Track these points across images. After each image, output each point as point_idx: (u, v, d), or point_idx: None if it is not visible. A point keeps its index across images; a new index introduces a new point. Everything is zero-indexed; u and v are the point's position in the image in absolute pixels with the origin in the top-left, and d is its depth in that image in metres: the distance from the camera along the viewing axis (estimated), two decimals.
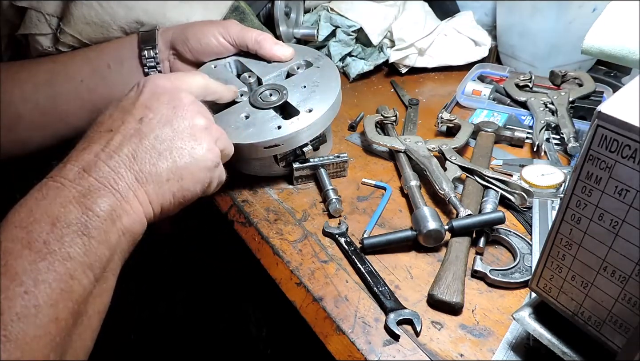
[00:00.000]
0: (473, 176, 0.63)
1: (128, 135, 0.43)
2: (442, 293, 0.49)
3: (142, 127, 0.43)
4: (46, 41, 0.69)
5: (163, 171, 0.43)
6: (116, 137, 0.43)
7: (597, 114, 0.31)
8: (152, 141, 0.43)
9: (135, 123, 0.44)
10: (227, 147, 0.52)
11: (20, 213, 0.37)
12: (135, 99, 0.46)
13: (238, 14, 0.74)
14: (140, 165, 0.42)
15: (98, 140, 0.43)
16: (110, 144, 0.42)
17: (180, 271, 0.94)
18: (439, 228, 0.54)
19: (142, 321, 0.95)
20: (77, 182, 0.39)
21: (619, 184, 0.31)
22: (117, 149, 0.42)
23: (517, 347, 0.45)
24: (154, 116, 0.44)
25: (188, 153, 0.45)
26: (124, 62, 0.63)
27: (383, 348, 0.46)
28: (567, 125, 0.70)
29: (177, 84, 0.48)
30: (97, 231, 0.38)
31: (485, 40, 0.93)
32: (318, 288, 0.52)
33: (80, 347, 0.37)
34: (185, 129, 0.45)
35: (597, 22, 0.62)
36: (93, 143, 0.42)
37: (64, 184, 0.39)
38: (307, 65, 0.67)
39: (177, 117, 0.45)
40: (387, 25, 0.93)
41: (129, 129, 0.43)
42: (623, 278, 0.33)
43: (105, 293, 0.39)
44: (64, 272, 0.35)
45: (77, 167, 0.40)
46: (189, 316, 1.00)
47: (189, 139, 0.45)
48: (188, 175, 0.45)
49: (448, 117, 0.73)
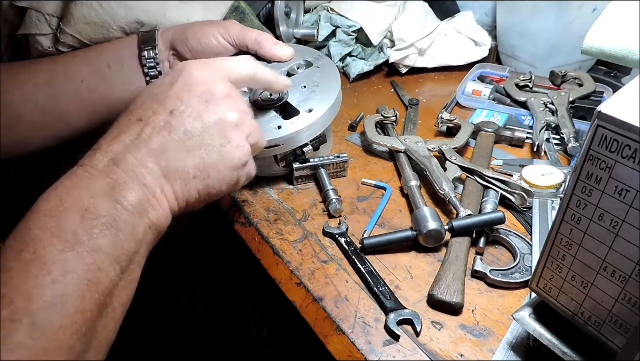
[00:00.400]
0: (473, 176, 0.63)
1: (157, 127, 0.42)
2: (442, 293, 0.49)
3: (172, 120, 0.42)
4: (46, 41, 0.69)
5: (190, 167, 0.43)
6: (146, 128, 0.42)
7: (597, 114, 0.31)
8: (181, 135, 0.42)
9: (165, 115, 0.43)
10: (259, 141, 0.50)
11: (50, 201, 0.37)
12: (168, 89, 0.44)
13: (238, 14, 0.74)
14: (168, 160, 0.42)
15: (128, 129, 0.42)
16: (140, 136, 0.41)
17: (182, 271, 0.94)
18: (439, 228, 0.54)
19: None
20: (106, 173, 0.39)
21: (619, 184, 0.31)
22: (146, 141, 0.41)
23: (517, 347, 0.45)
24: (185, 109, 0.43)
25: (217, 151, 0.44)
26: (124, 63, 0.63)
27: (383, 348, 0.46)
28: (567, 125, 0.70)
29: (213, 74, 0.46)
30: (125, 224, 0.38)
31: (485, 40, 0.93)
32: (318, 288, 0.52)
33: (104, 338, 0.37)
34: (216, 125, 0.44)
35: (597, 22, 0.62)
36: (123, 133, 0.42)
37: (93, 175, 0.39)
38: (307, 65, 0.67)
39: (208, 111, 0.44)
40: (387, 25, 0.93)
41: (158, 121, 0.42)
42: (623, 278, 0.33)
43: (130, 285, 0.40)
44: (91, 263, 0.35)
45: (106, 158, 0.40)
46: (191, 314, 1.00)
47: (218, 136, 0.44)
48: (215, 173, 0.44)
49: (448, 117, 0.73)
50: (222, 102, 0.45)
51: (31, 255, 0.34)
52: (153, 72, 0.63)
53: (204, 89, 0.44)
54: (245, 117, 0.47)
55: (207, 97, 0.44)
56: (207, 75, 0.45)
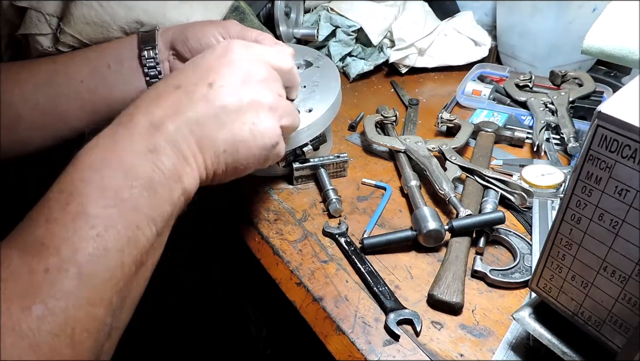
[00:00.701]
0: (473, 176, 0.63)
1: (196, 98, 0.43)
2: (442, 293, 0.49)
3: (210, 93, 0.44)
4: (46, 41, 0.69)
5: (221, 141, 0.44)
6: (184, 97, 0.43)
7: (597, 114, 0.31)
8: (216, 109, 0.43)
9: (204, 87, 0.44)
10: (293, 123, 0.51)
11: (93, 156, 0.38)
12: (212, 62, 0.46)
13: (238, 14, 0.74)
14: (202, 130, 0.43)
15: (167, 95, 0.43)
16: (178, 104, 0.42)
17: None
18: (439, 228, 0.54)
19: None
20: (146, 137, 0.40)
21: (619, 184, 0.31)
22: (184, 110, 0.42)
23: (517, 347, 0.45)
24: (223, 84, 0.44)
25: (249, 129, 0.45)
26: (124, 63, 0.63)
27: (383, 348, 0.46)
28: (567, 125, 0.70)
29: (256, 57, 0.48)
30: (162, 187, 0.39)
31: (485, 40, 0.93)
32: (318, 288, 0.52)
33: (136, 295, 0.39)
34: (250, 104, 0.45)
35: (597, 22, 0.62)
36: (161, 98, 0.43)
37: (134, 136, 0.40)
38: (307, 65, 0.67)
39: (245, 90, 0.45)
40: (387, 25, 0.93)
41: (197, 92, 0.43)
42: (623, 278, 0.33)
43: (160, 247, 0.41)
44: (132, 221, 0.37)
45: (146, 122, 0.41)
46: (190, 312, 1.00)
47: (252, 114, 0.45)
48: (244, 150, 0.45)
49: (448, 117, 0.73)
50: (259, 84, 0.46)
51: (76, 208, 0.35)
52: (153, 72, 0.63)
53: (245, 69, 0.46)
54: (280, 101, 0.48)
55: (246, 78, 0.46)
56: (250, 57, 0.47)
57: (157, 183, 0.39)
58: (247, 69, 0.46)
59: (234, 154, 0.45)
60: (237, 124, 0.45)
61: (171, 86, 0.44)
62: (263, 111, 0.46)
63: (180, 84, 0.44)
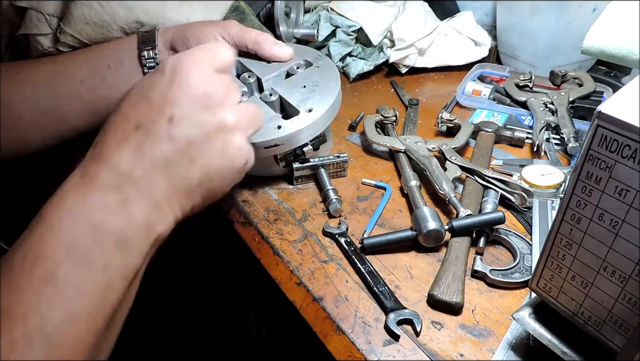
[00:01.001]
0: (473, 176, 0.63)
1: (159, 137, 0.40)
2: (442, 293, 0.49)
3: (172, 128, 0.40)
4: (46, 41, 0.69)
5: (194, 175, 0.42)
6: (147, 138, 0.40)
7: (597, 114, 0.31)
8: (183, 144, 0.41)
9: (164, 123, 0.40)
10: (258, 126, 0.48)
11: (60, 213, 0.36)
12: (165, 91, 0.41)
13: (238, 14, 0.74)
14: (173, 170, 0.40)
15: (128, 138, 0.40)
16: (142, 147, 0.39)
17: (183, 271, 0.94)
18: (439, 228, 0.54)
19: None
20: (114, 189, 0.38)
21: (619, 184, 0.31)
22: (149, 153, 0.39)
23: (517, 347, 0.45)
24: (183, 116, 0.41)
25: (219, 156, 0.43)
26: (124, 63, 0.63)
27: (383, 348, 0.46)
28: (567, 125, 0.70)
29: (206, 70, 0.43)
30: (135, 240, 0.38)
31: (485, 40, 0.93)
32: (318, 288, 0.52)
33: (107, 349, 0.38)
34: (216, 130, 0.42)
35: (597, 22, 0.62)
36: (124, 142, 0.39)
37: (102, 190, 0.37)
38: (307, 65, 0.67)
39: (207, 117, 0.42)
40: (387, 25, 0.93)
41: (159, 130, 0.40)
42: (623, 278, 0.33)
43: (132, 297, 0.40)
44: (102, 282, 0.35)
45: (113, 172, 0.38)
46: (191, 316, 1.00)
47: (219, 140, 0.43)
48: (218, 177, 0.44)
49: (448, 117, 0.73)
50: (219, 105, 0.43)
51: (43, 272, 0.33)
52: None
53: (201, 91, 0.42)
54: (241, 112, 0.45)
55: (205, 102, 0.42)
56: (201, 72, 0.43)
57: (129, 237, 0.37)
58: (203, 90, 0.42)
59: (208, 184, 0.43)
60: (206, 154, 0.42)
61: (130, 128, 0.40)
62: (229, 132, 0.43)
63: (139, 123, 0.40)
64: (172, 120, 0.40)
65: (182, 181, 0.41)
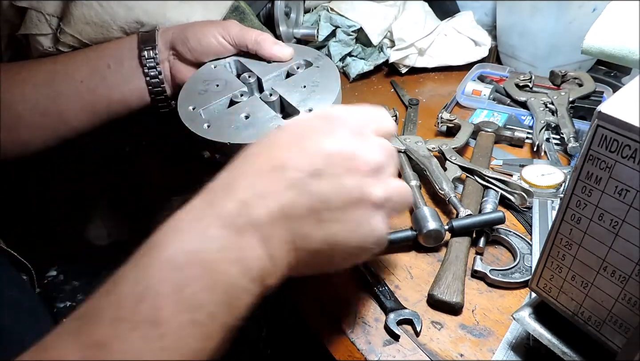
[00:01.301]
0: (473, 176, 0.63)
1: (297, 187, 0.35)
2: (442, 293, 0.49)
3: (315, 184, 0.36)
4: (46, 41, 0.69)
5: (317, 239, 0.36)
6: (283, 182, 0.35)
7: (597, 114, 0.31)
8: (318, 204, 0.36)
9: (309, 175, 0.36)
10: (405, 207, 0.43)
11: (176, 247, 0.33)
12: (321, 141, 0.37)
13: (238, 14, 0.74)
14: (297, 226, 0.36)
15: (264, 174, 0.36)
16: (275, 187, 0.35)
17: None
18: (439, 228, 0.54)
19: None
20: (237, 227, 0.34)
21: (619, 184, 0.31)
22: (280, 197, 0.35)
23: (517, 347, 0.45)
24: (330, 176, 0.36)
25: (350, 230, 0.37)
26: (124, 63, 0.63)
27: (383, 348, 0.46)
28: (567, 125, 0.70)
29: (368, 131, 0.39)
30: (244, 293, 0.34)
31: (485, 40, 0.93)
32: (318, 288, 0.52)
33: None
34: (358, 202, 0.37)
35: (597, 22, 0.62)
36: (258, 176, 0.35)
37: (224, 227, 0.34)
38: (307, 65, 0.67)
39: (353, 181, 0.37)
40: (387, 25, 0.93)
41: (300, 180, 0.35)
42: (623, 278, 0.33)
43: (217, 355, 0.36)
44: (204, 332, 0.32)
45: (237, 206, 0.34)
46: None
47: (356, 212, 0.37)
48: (341, 251, 0.38)
49: (448, 117, 0.73)
50: (371, 176, 0.38)
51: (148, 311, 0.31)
52: (153, 72, 0.63)
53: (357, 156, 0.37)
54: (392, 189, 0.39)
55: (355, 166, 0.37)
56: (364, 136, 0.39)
57: (239, 289, 0.33)
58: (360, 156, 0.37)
59: (327, 255, 0.38)
60: (337, 223, 0.37)
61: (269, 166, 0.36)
62: (371, 209, 0.38)
63: (283, 165, 0.36)
64: (316, 174, 0.36)
65: (303, 240, 0.36)
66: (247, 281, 0.34)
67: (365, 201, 0.37)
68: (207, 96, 0.61)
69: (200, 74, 0.64)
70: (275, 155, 0.37)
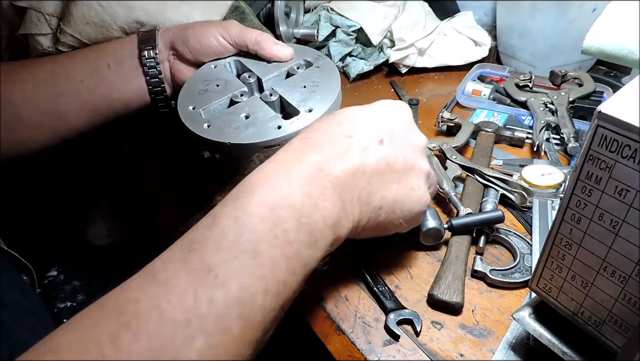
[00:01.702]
0: (473, 175, 0.63)
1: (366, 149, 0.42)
2: (442, 293, 0.49)
3: (382, 149, 0.43)
4: (46, 41, 0.69)
5: (380, 198, 0.43)
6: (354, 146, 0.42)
7: (597, 114, 0.31)
8: (383, 166, 0.42)
9: (376, 142, 0.43)
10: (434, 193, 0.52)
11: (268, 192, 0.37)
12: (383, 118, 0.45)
13: (238, 14, 0.74)
14: (366, 183, 0.42)
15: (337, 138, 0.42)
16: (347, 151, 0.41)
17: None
18: (438, 227, 0.54)
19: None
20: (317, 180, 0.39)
21: (619, 184, 0.31)
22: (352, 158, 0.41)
23: (517, 347, 0.45)
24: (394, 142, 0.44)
25: (407, 194, 0.45)
26: (124, 63, 0.63)
27: (383, 348, 0.46)
28: (567, 125, 0.70)
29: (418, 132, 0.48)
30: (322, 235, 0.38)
31: (485, 40, 0.93)
32: (318, 288, 0.52)
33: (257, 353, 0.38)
34: (414, 168, 0.45)
35: (597, 22, 0.62)
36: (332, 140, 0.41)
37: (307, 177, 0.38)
38: (307, 65, 0.67)
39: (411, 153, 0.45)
40: (387, 25, 0.93)
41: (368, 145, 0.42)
42: (623, 278, 0.33)
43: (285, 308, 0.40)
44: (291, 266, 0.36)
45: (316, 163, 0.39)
46: None
47: (413, 179, 0.45)
48: (399, 211, 0.45)
49: (449, 116, 0.73)
50: (422, 152, 0.47)
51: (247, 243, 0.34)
52: (153, 72, 0.63)
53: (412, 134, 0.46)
54: (432, 171, 0.49)
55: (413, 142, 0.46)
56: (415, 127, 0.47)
57: (318, 231, 0.38)
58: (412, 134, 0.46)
59: (389, 213, 0.44)
60: (398, 185, 0.44)
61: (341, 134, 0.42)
62: (422, 177, 0.46)
63: (351, 134, 0.42)
64: (383, 142, 0.43)
65: (369, 197, 0.42)
66: (325, 227, 0.38)
67: (418, 169, 0.45)
68: (207, 96, 0.61)
69: (200, 74, 0.64)
70: (344, 128, 0.43)
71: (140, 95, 0.64)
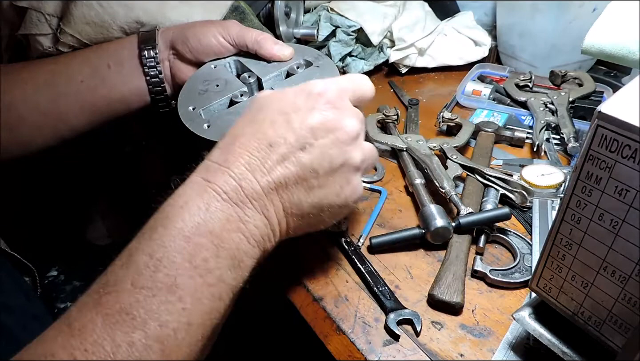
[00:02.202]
0: (474, 174, 0.63)
1: (287, 160, 0.40)
2: (442, 293, 0.49)
3: (303, 156, 0.40)
4: (46, 41, 0.69)
5: (308, 204, 0.42)
6: (274, 157, 0.40)
7: (597, 114, 0.31)
8: (307, 174, 0.41)
9: (297, 149, 0.40)
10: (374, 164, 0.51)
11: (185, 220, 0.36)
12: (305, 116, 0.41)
13: (238, 14, 0.74)
14: (290, 195, 0.41)
15: (255, 151, 0.40)
16: (266, 162, 0.40)
17: None
18: (446, 226, 0.54)
19: None
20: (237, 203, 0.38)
21: (619, 184, 0.31)
22: (272, 170, 0.40)
23: (517, 347, 0.45)
24: (317, 148, 0.41)
25: (336, 193, 0.43)
26: (124, 63, 0.63)
27: (383, 348, 0.46)
28: (567, 125, 0.70)
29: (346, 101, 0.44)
30: (246, 257, 0.39)
31: (485, 40, 0.93)
32: (318, 288, 0.52)
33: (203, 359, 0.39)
34: (341, 167, 0.42)
35: (597, 22, 0.62)
36: (250, 153, 0.39)
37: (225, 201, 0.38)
38: (307, 65, 0.67)
39: (338, 152, 0.42)
40: (387, 25, 0.93)
41: (289, 154, 0.40)
42: (623, 278, 0.33)
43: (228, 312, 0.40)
44: (216, 293, 0.36)
45: (235, 181, 0.38)
46: None
47: (340, 177, 0.43)
48: (328, 211, 0.44)
49: (449, 116, 0.73)
50: (351, 144, 0.43)
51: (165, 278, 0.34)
52: (153, 71, 0.63)
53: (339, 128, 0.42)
54: (366, 151, 0.45)
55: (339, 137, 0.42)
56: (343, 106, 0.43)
57: (242, 252, 0.38)
58: (340, 127, 0.42)
59: (317, 216, 0.43)
60: (324, 188, 0.42)
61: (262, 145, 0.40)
62: (351, 172, 0.44)
63: (272, 142, 0.40)
64: (305, 149, 0.41)
65: (296, 206, 0.41)
66: (249, 247, 0.38)
67: (347, 165, 0.43)
68: (207, 96, 0.61)
69: (200, 74, 0.64)
70: (263, 133, 0.40)
71: (140, 95, 0.64)
